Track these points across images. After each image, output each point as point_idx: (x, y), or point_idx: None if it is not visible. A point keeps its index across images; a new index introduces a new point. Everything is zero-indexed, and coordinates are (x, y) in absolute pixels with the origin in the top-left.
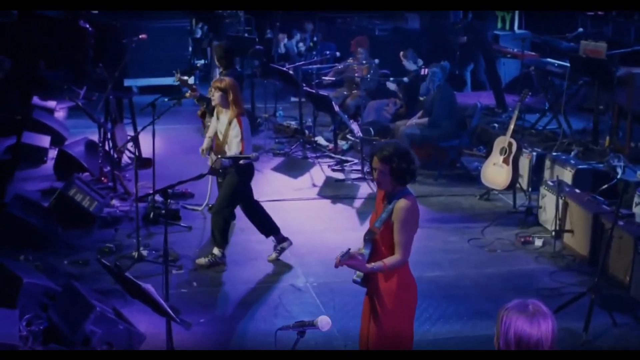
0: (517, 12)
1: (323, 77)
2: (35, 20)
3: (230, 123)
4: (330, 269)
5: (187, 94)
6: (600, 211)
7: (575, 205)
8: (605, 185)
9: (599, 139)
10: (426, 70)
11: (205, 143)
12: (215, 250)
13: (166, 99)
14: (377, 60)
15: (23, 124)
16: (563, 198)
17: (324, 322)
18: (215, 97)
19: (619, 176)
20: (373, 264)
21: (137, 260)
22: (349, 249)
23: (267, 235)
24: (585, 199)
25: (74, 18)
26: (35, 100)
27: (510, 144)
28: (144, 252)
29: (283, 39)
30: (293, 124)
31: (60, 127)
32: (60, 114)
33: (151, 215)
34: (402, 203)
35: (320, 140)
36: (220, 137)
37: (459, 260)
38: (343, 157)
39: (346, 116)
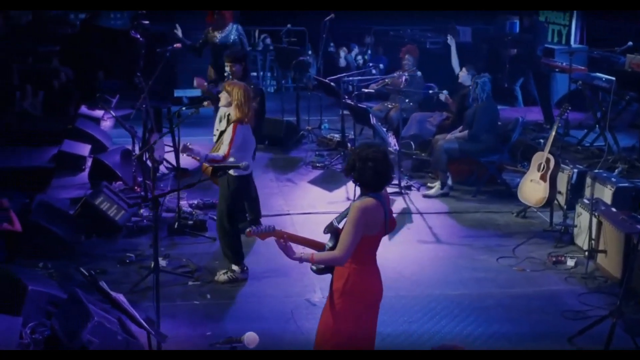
0: (573, 26)
1: (362, 89)
2: (95, 31)
3: (229, 126)
4: None
5: (205, 104)
6: (633, 231)
7: (609, 225)
8: None
9: None
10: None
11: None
12: (234, 266)
13: (184, 108)
14: (419, 73)
15: (65, 133)
16: (597, 217)
17: (250, 338)
18: (223, 98)
19: None
20: (302, 253)
21: (152, 270)
22: (274, 226)
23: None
24: (619, 218)
25: (128, 29)
26: (83, 109)
27: (548, 160)
28: (163, 263)
29: (344, 52)
30: (336, 136)
31: (103, 136)
32: (106, 124)
33: (175, 226)
34: (357, 203)
35: None
36: (217, 138)
37: (484, 279)
38: None
39: (384, 129)
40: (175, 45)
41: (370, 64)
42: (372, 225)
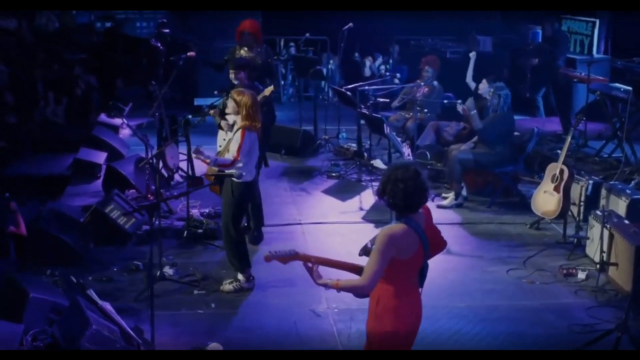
0: (595, 36)
1: (378, 99)
2: (119, 39)
3: (236, 132)
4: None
5: (211, 112)
6: None
7: (620, 237)
8: None
9: None
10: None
11: None
12: (240, 276)
13: (190, 116)
14: (435, 83)
15: (81, 141)
16: (609, 229)
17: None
18: (230, 106)
19: None
20: (328, 280)
21: (158, 278)
22: (295, 251)
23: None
24: (631, 230)
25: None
26: (102, 117)
27: (562, 171)
28: (170, 271)
29: (369, 61)
30: (353, 146)
31: (120, 144)
32: (125, 132)
33: (185, 234)
34: (384, 230)
35: (377, 163)
36: (223, 145)
37: (492, 291)
38: None
39: (399, 139)
40: (189, 54)
41: (388, 74)
42: (404, 249)
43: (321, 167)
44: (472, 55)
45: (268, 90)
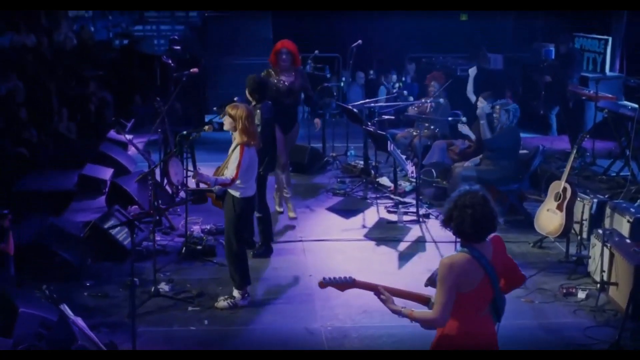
0: (608, 54)
1: (383, 116)
2: (135, 56)
3: (234, 149)
4: (351, 314)
5: (206, 128)
6: None
7: (620, 257)
8: None
9: None
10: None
11: None
12: (235, 292)
13: (184, 132)
14: (441, 100)
15: (87, 157)
16: (609, 248)
17: None
18: (226, 122)
19: None
20: (402, 307)
21: (153, 295)
22: (353, 278)
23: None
24: (631, 249)
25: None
26: (111, 133)
27: (565, 189)
28: (166, 287)
29: (384, 79)
30: (362, 163)
31: (127, 161)
32: (134, 148)
33: (183, 250)
34: (444, 259)
35: (384, 180)
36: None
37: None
38: (402, 199)
39: (403, 156)
40: (191, 70)
41: (395, 91)
42: (465, 282)
43: (328, 184)
44: (472, 70)
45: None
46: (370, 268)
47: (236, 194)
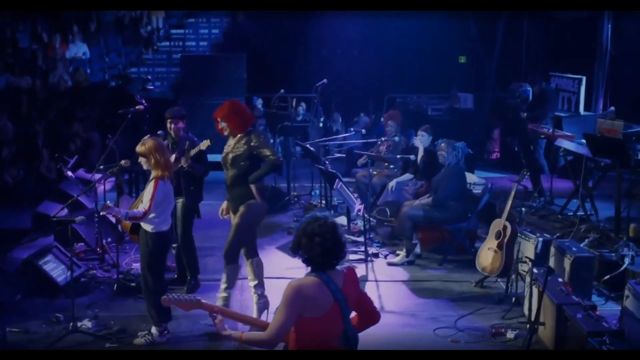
0: (582, 94)
1: (335, 153)
2: (124, 96)
3: (149, 183)
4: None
5: (123, 163)
6: (566, 302)
7: (546, 296)
8: (607, 276)
9: (621, 227)
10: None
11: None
12: (153, 329)
13: (102, 166)
14: (397, 138)
15: (44, 194)
16: (537, 287)
17: None
18: (142, 162)
19: (625, 265)
20: (231, 331)
21: (71, 331)
22: (198, 298)
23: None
24: (557, 288)
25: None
26: (80, 172)
27: (505, 228)
28: (89, 324)
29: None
30: (324, 202)
31: (86, 199)
32: (100, 187)
33: (115, 287)
34: (292, 281)
35: (340, 219)
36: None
37: (414, 349)
38: (355, 238)
39: (353, 195)
40: (137, 107)
41: (352, 128)
42: (312, 306)
43: (285, 223)
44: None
45: (204, 144)
46: None
47: (148, 228)
